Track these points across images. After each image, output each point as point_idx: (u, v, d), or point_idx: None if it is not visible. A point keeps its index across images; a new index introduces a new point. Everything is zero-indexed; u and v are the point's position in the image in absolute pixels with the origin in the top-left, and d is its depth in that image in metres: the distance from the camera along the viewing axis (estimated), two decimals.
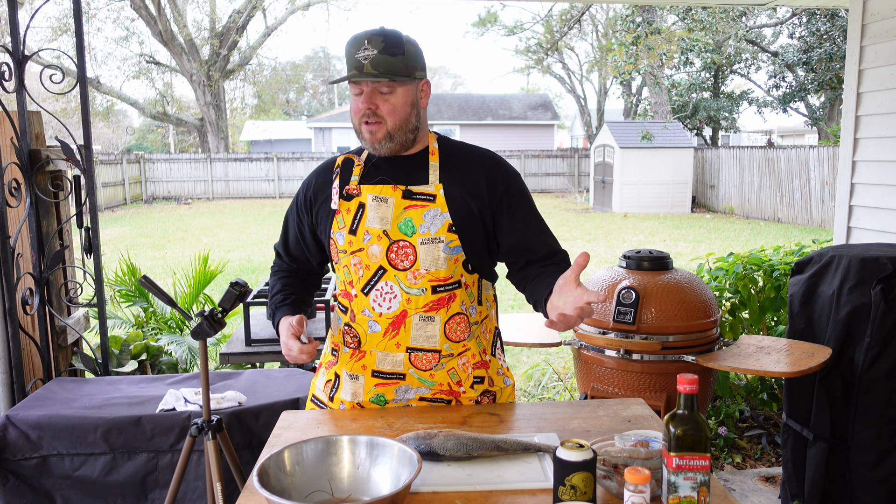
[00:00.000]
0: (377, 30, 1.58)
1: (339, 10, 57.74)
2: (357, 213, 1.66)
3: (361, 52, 1.55)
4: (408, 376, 1.70)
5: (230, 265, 9.50)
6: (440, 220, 1.63)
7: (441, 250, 1.62)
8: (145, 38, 25.92)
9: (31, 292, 2.83)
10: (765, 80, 22.60)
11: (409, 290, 1.64)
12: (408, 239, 1.62)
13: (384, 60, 1.55)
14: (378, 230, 1.63)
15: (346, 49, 1.60)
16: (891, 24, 3.42)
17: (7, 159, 2.75)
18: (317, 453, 1.36)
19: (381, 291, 1.65)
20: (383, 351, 1.69)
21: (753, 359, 2.57)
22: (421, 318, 1.65)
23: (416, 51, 1.62)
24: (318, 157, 22.94)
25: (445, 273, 1.64)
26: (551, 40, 25.72)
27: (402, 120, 1.61)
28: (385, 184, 1.66)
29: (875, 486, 2.37)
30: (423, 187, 1.65)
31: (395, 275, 1.64)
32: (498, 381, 1.79)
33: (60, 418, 2.31)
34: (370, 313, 1.67)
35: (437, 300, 1.65)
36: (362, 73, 1.55)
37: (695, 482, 1.17)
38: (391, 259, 1.63)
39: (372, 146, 1.64)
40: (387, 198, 1.64)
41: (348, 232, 1.66)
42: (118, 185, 20.28)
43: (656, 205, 17.64)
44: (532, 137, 28.35)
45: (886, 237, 3.45)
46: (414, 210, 1.63)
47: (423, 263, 1.62)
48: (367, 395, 1.74)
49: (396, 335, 1.66)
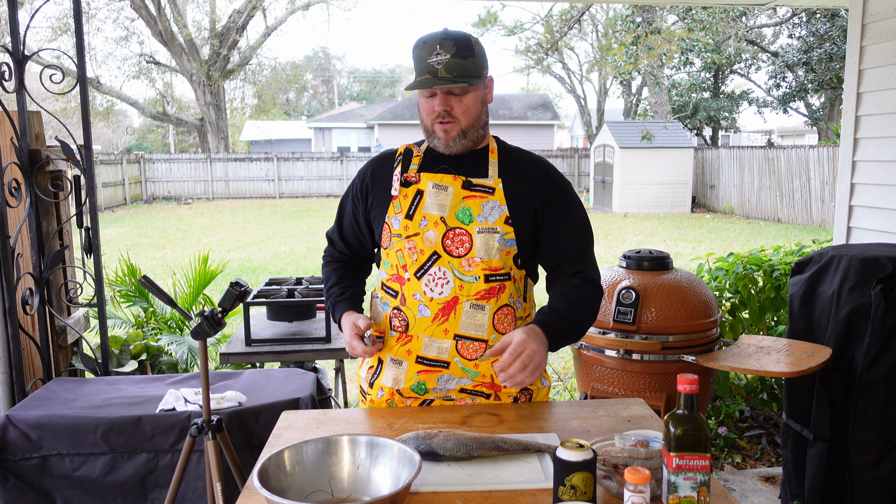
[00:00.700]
0: (444, 33, 1.63)
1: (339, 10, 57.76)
2: (415, 199, 1.70)
3: (434, 56, 1.61)
4: (452, 365, 1.72)
5: (230, 265, 9.50)
6: (498, 212, 1.68)
7: (497, 240, 1.67)
8: (145, 38, 25.94)
9: (31, 292, 2.83)
10: (765, 80, 22.61)
11: (462, 276, 1.68)
12: (464, 227, 1.68)
13: (457, 64, 1.61)
14: (436, 216, 1.68)
15: (416, 53, 1.64)
16: (891, 24, 3.42)
17: (7, 159, 2.75)
18: (317, 453, 1.36)
19: (434, 276, 1.69)
20: (430, 336, 1.71)
21: (753, 359, 2.57)
22: (472, 306, 1.69)
23: (482, 50, 1.68)
24: (318, 157, 22.94)
25: (498, 262, 1.69)
26: (551, 40, 25.72)
27: (474, 118, 1.68)
28: (446, 173, 1.71)
29: (875, 486, 2.37)
30: (483, 180, 1.70)
31: (448, 261, 1.68)
32: (536, 381, 1.80)
33: (60, 418, 2.30)
34: (421, 297, 1.70)
35: (489, 289, 1.69)
36: (437, 78, 1.61)
37: (695, 482, 1.17)
38: (446, 245, 1.68)
39: (446, 144, 1.69)
40: (447, 186, 1.69)
41: (405, 217, 1.70)
42: (118, 185, 20.28)
43: (656, 205, 17.64)
44: (532, 137, 28.35)
45: (886, 237, 3.44)
46: (473, 200, 1.69)
47: (479, 252, 1.67)
48: (409, 381, 1.75)
49: (446, 321, 1.69)
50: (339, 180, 22.68)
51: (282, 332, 3.14)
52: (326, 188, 22.76)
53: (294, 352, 3.02)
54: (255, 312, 3.56)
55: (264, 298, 3.25)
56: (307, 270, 9.38)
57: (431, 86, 1.60)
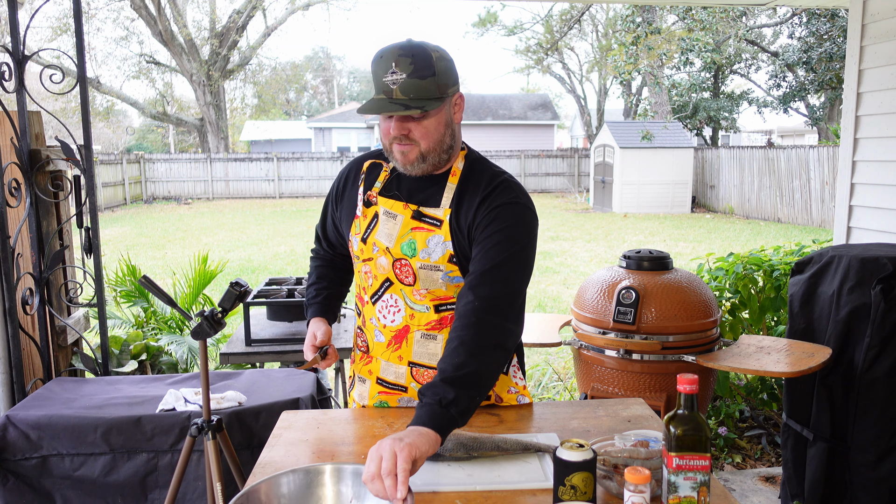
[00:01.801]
0: (404, 47, 1.46)
1: (339, 10, 57.77)
2: (371, 222, 1.64)
3: (389, 75, 1.45)
4: (409, 389, 1.71)
5: (230, 265, 9.50)
6: (441, 249, 1.56)
7: (440, 278, 1.58)
8: (145, 38, 25.97)
9: (31, 292, 2.83)
10: (765, 80, 22.61)
11: (413, 305, 1.63)
12: (408, 260, 1.58)
13: (414, 85, 1.44)
14: (383, 245, 1.61)
15: (373, 67, 1.50)
16: (891, 24, 3.42)
17: (7, 159, 2.75)
18: (298, 488, 1.23)
19: (387, 303, 1.65)
20: (387, 361, 1.70)
21: (753, 359, 2.57)
22: (423, 336, 1.64)
23: (447, 66, 1.50)
24: (318, 157, 22.96)
25: (447, 293, 1.61)
26: (551, 40, 25.72)
27: (435, 142, 1.53)
28: (398, 199, 1.61)
29: (875, 486, 2.37)
30: (433, 210, 1.58)
31: (400, 288, 1.63)
32: (509, 399, 1.76)
33: (60, 418, 2.30)
34: (376, 322, 1.68)
35: (440, 319, 1.63)
36: (391, 100, 1.46)
37: (695, 482, 1.17)
38: (396, 274, 1.62)
39: (404, 167, 1.56)
40: (397, 214, 1.60)
41: (360, 240, 1.65)
42: (118, 185, 20.27)
43: (656, 205, 17.64)
44: (532, 137, 28.34)
45: (886, 237, 3.45)
46: (419, 233, 1.58)
47: (423, 284, 1.60)
48: (372, 400, 1.75)
49: (399, 348, 1.67)
50: None
51: (282, 332, 3.14)
52: (326, 188, 22.72)
53: (294, 352, 3.02)
54: (255, 312, 3.56)
55: (264, 298, 3.25)
56: (307, 270, 9.36)
57: (384, 110, 1.44)
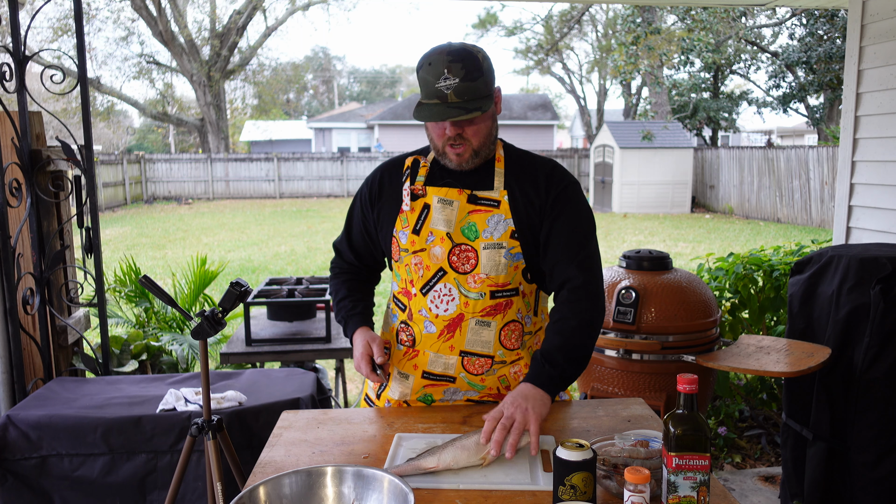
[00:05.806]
0: (452, 52, 1.54)
1: (339, 10, 57.70)
2: (422, 213, 1.67)
3: (442, 81, 1.53)
4: (458, 379, 1.72)
5: (230, 265, 9.50)
6: (503, 227, 1.64)
7: (503, 256, 1.64)
8: (146, 39, 26.01)
9: (32, 292, 2.83)
10: (765, 80, 22.61)
11: (467, 293, 1.65)
12: (470, 243, 1.64)
13: (467, 88, 1.53)
14: (442, 232, 1.65)
15: (422, 75, 1.56)
16: (891, 24, 3.42)
17: (8, 159, 2.75)
18: (299, 489, 1.24)
19: (440, 293, 1.67)
20: (436, 353, 1.70)
21: (753, 359, 2.58)
22: (477, 323, 1.67)
23: (490, 64, 1.61)
24: (318, 157, 22.95)
25: (504, 279, 1.66)
26: (551, 41, 25.73)
27: (486, 137, 1.63)
28: (451, 186, 1.67)
29: (875, 486, 2.37)
30: (488, 192, 1.66)
31: (454, 277, 1.65)
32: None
33: (60, 418, 2.30)
34: (427, 313, 1.69)
35: (495, 305, 1.66)
36: (447, 105, 1.53)
37: (694, 482, 1.18)
38: (452, 262, 1.65)
39: (458, 165, 1.64)
40: (452, 201, 1.66)
41: (412, 231, 1.68)
42: (119, 186, 20.27)
43: (656, 205, 17.64)
44: (532, 137, 28.34)
45: (886, 237, 3.45)
46: (478, 215, 1.65)
47: (484, 268, 1.64)
48: (416, 394, 1.75)
49: (451, 338, 1.68)
50: (340, 180, 22.69)
51: (282, 332, 3.15)
52: (327, 188, 22.76)
53: (294, 352, 3.02)
54: (256, 312, 3.56)
55: (264, 298, 3.25)
56: (307, 270, 9.38)
57: (446, 117, 1.52)
